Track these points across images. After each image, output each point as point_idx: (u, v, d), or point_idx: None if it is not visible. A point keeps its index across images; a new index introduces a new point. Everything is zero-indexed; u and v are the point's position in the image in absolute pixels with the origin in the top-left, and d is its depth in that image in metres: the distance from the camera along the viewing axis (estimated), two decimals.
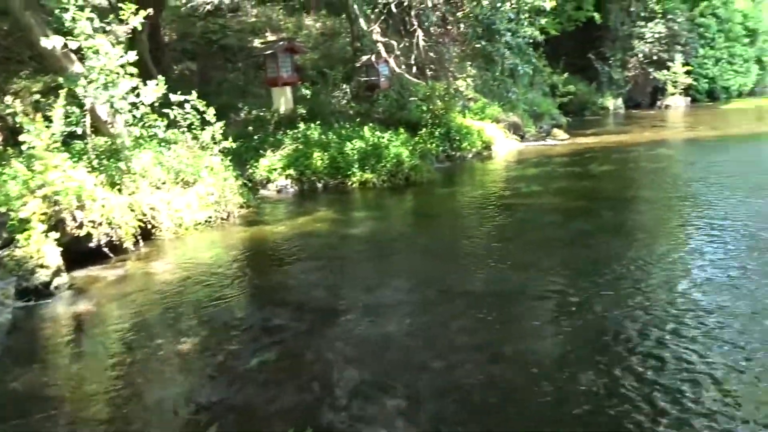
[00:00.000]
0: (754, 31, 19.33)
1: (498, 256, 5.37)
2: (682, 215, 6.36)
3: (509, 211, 7.11)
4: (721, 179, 8.01)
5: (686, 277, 4.44)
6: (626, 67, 18.33)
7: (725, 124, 14.22)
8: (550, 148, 11.73)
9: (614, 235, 5.79)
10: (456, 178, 9.92)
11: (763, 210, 6.27)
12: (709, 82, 18.45)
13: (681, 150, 11.32)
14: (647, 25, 18.08)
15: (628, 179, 8.97)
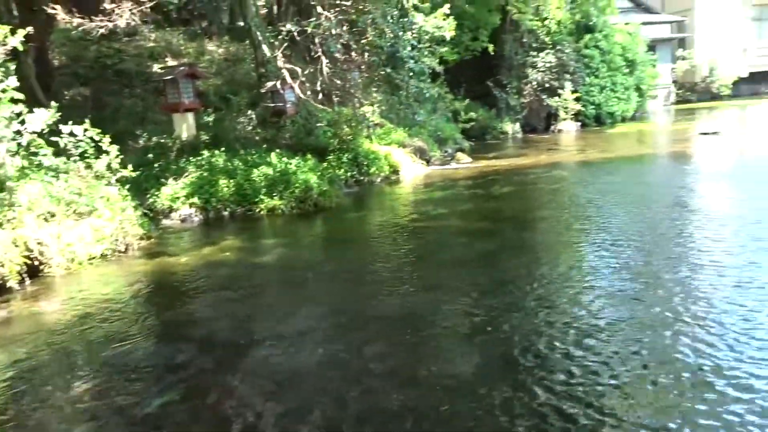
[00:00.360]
0: (632, 61, 21.01)
1: (409, 279, 5.41)
2: (580, 233, 6.70)
3: (418, 234, 7.21)
4: (613, 197, 8.55)
5: (588, 292, 4.65)
6: (522, 94, 19.33)
7: (612, 147, 15.27)
8: (455, 172, 12.08)
9: (519, 254, 6.00)
10: (365, 203, 9.97)
11: (653, 225, 6.74)
12: (595, 108, 19.78)
13: (575, 171, 12.01)
14: (539, 55, 19.19)
15: (529, 200, 9.37)
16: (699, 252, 5.42)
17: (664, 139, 16.71)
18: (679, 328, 3.77)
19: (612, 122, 19.92)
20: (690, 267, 4.99)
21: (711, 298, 4.25)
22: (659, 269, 5.02)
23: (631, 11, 26.29)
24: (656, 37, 26.52)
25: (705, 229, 6.24)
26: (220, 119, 10.94)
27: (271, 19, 13.40)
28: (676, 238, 6.00)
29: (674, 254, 5.42)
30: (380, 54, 10.90)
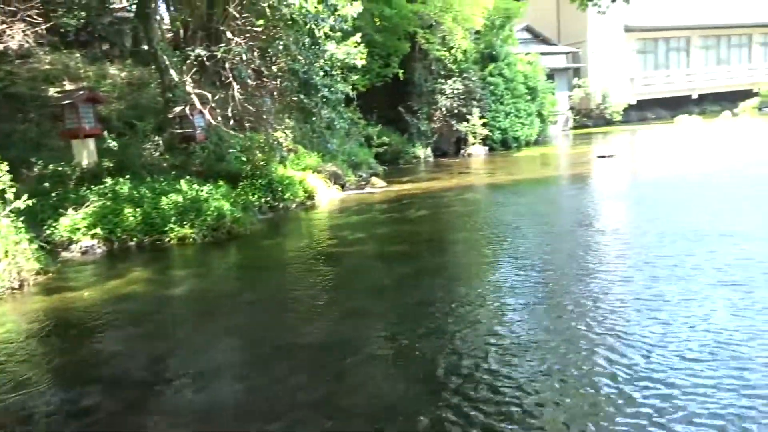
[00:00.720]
0: (533, 89, 22.17)
1: (331, 305, 5.33)
2: (495, 253, 6.89)
3: (336, 259, 7.15)
4: (523, 218, 8.88)
5: (506, 311, 4.76)
6: (432, 120, 19.86)
7: (519, 169, 15.96)
8: (370, 196, 12.15)
9: (437, 276, 6.07)
10: (281, 229, 9.79)
11: (563, 244, 7.04)
12: (502, 133, 20.63)
13: (486, 193, 12.41)
14: (447, 82, 19.85)
15: (444, 222, 9.56)
16: (608, 269, 5.70)
17: (566, 161, 17.66)
18: (596, 342, 3.92)
19: (517, 146, 20.83)
20: (601, 283, 5.23)
21: (624, 311, 4.46)
22: (572, 286, 5.24)
23: (530, 42, 27.82)
24: (554, 66, 28.17)
25: (611, 247, 6.59)
26: (124, 145, 10.43)
27: (177, 42, 13.04)
28: (585, 256, 6.29)
29: (585, 272, 5.68)
30: (293, 81, 10.85)
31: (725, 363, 3.49)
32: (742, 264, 5.33)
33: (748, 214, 7.48)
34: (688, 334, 3.94)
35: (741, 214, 7.50)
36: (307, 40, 10.82)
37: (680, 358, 3.59)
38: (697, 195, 9.33)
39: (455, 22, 17.84)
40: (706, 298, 4.57)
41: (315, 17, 10.60)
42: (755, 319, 4.09)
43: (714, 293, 4.67)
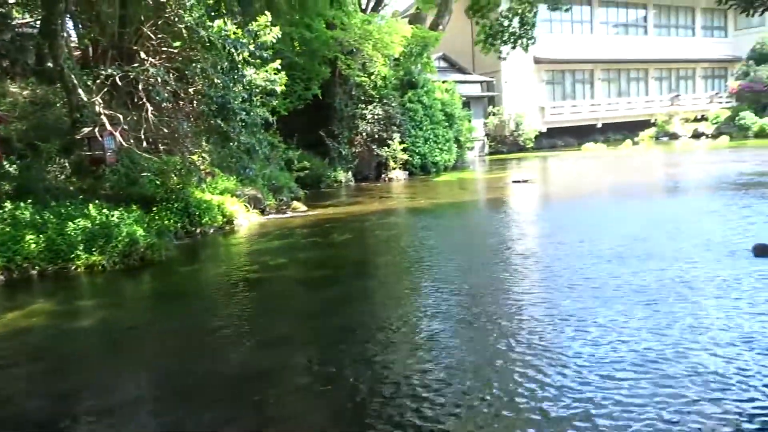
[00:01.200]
0: (451, 116, 22.81)
1: (251, 334, 5.15)
2: (418, 277, 6.93)
3: (257, 286, 6.95)
4: (445, 242, 9.02)
5: (429, 335, 4.76)
6: (353, 144, 19.96)
7: (438, 194, 16.27)
8: (291, 220, 11.98)
9: (361, 301, 6.03)
10: (198, 255, 9.44)
11: (484, 267, 7.18)
12: (421, 158, 21.02)
13: (408, 217, 12.54)
14: (367, 107, 20.07)
15: (366, 246, 9.55)
16: (532, 292, 5.84)
17: (484, 186, 18.20)
18: (523, 363, 3.98)
19: (436, 171, 21.28)
20: (526, 307, 5.34)
21: (551, 333, 4.57)
22: (496, 310, 5.32)
23: (447, 71, 28.70)
24: (470, 94, 29.17)
25: (533, 271, 6.76)
26: (26, 168, 9.76)
27: (87, 61, 12.45)
28: (508, 279, 6.43)
29: (508, 295, 5.79)
30: (210, 104, 10.59)
31: (652, 379, 3.62)
32: (661, 283, 5.59)
33: (657, 234, 7.93)
34: (616, 353, 4.07)
35: (651, 234, 7.95)
36: (226, 65, 10.64)
37: (607, 377, 3.70)
38: (609, 217, 9.82)
39: (375, 49, 18.12)
40: (631, 318, 4.73)
41: (234, 42, 10.45)
42: (679, 337, 4.28)
43: (638, 313, 4.86)
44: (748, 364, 3.70)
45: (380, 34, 17.91)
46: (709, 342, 4.09)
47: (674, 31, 39.34)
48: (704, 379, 3.53)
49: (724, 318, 4.55)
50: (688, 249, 6.88)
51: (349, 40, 17.67)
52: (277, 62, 13.59)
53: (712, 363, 3.74)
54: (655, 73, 38.06)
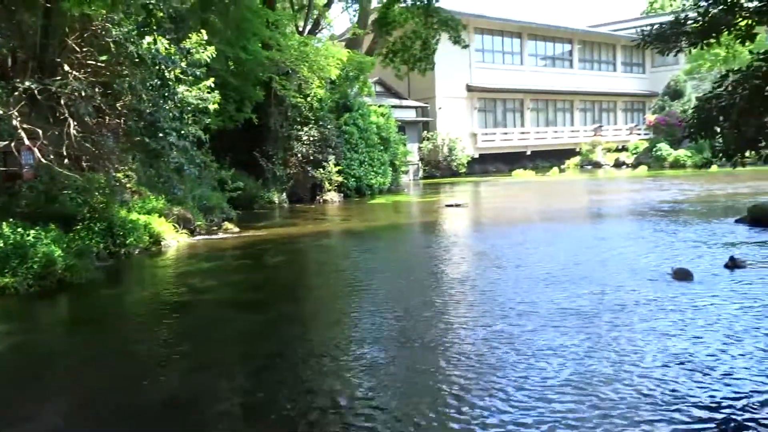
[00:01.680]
0: (386, 139, 23.05)
1: (178, 360, 4.91)
2: (351, 300, 6.85)
3: (185, 309, 6.67)
4: (378, 264, 9.00)
5: (362, 361, 4.68)
6: (288, 165, 19.77)
7: (373, 216, 16.31)
8: (223, 242, 11.66)
9: (293, 325, 5.89)
10: (123, 277, 9.01)
11: (417, 291, 7.19)
12: (356, 181, 21.06)
13: (342, 239, 12.47)
14: (303, 129, 19.97)
15: (299, 269, 9.39)
16: (467, 316, 5.85)
17: (418, 209, 18.39)
18: (459, 386, 3.97)
19: (371, 194, 21.36)
20: (460, 331, 5.32)
21: (481, 354, 4.58)
22: (430, 334, 5.30)
23: (383, 95, 29.06)
24: (405, 119, 29.61)
25: (468, 294, 6.79)
26: None
27: (4, 72, 11.79)
28: (443, 303, 6.42)
29: (443, 319, 5.78)
30: (138, 121, 10.23)
31: (586, 401, 3.67)
32: (593, 307, 5.71)
33: (587, 259, 8.20)
34: (551, 375, 4.12)
35: (580, 259, 8.20)
36: (156, 81, 10.34)
37: (541, 398, 3.74)
38: (541, 242, 10.05)
39: (311, 71, 18.13)
40: (571, 339, 4.79)
41: (165, 58, 10.18)
42: (619, 356, 4.38)
43: (579, 334, 4.93)
44: (678, 385, 3.82)
45: (317, 56, 17.95)
46: (640, 362, 4.21)
47: (597, 66, 41.55)
48: (637, 400, 3.62)
49: (653, 340, 4.70)
50: (616, 273, 7.13)
51: (285, 61, 17.60)
52: (210, 81, 13.34)
53: (645, 384, 3.85)
54: (580, 105, 39.96)
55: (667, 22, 5.00)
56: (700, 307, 5.50)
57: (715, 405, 3.52)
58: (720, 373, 3.96)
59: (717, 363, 4.15)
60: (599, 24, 47.75)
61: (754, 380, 3.84)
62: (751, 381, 3.83)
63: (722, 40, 4.87)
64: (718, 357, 4.26)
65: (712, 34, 4.77)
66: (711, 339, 4.64)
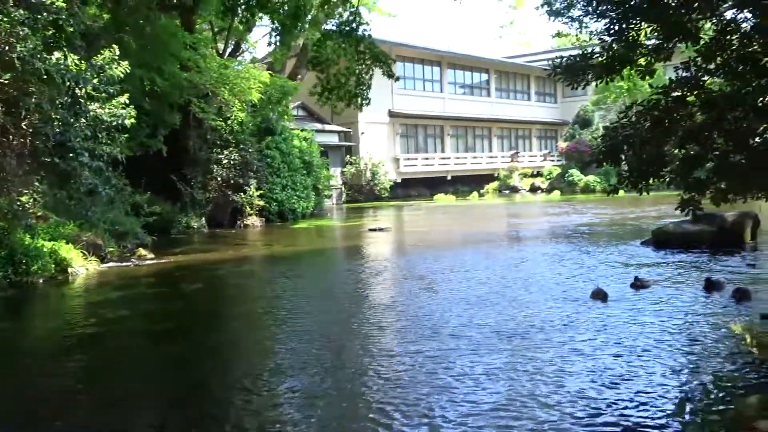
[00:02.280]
0: (309, 164, 22.96)
1: (85, 396, 4.60)
2: (273, 329, 6.69)
3: (94, 341, 6.29)
4: (301, 291, 8.86)
5: (285, 392, 4.57)
6: (207, 189, 19.24)
7: (296, 241, 16.12)
8: (136, 269, 11.14)
9: (213, 356, 5.67)
10: (25, 309, 8.41)
11: (340, 318, 7.12)
12: (278, 205, 20.79)
13: (264, 265, 12.22)
14: (223, 152, 19.54)
15: (219, 296, 9.10)
16: (393, 342, 5.79)
17: (341, 234, 18.36)
18: (383, 413, 3.93)
19: (294, 218, 21.14)
20: (386, 359, 5.22)
21: (406, 386, 4.57)
22: (356, 363, 5.24)
23: (306, 120, 29.04)
24: (328, 143, 29.67)
25: (395, 319, 6.71)
26: None
27: None
28: (369, 330, 6.35)
29: (370, 346, 5.71)
30: (46, 141, 9.67)
31: (524, 415, 3.73)
32: (519, 328, 5.84)
33: (510, 281, 8.41)
34: (479, 397, 4.16)
35: (503, 281, 8.41)
36: (66, 99, 9.84)
37: (466, 416, 3.76)
38: (464, 265, 10.23)
39: (232, 94, 17.84)
40: (504, 360, 4.86)
41: (76, 76, 9.72)
42: (552, 378, 4.48)
43: (512, 356, 5.01)
44: (600, 402, 3.96)
45: (238, 79, 17.70)
46: (564, 380, 4.34)
47: (513, 95, 43.44)
48: (562, 416, 3.71)
49: (574, 358, 4.86)
50: (539, 294, 7.33)
51: (204, 83, 17.23)
52: (125, 96, 12.83)
53: (569, 401, 3.96)
54: (498, 132, 41.54)
55: (575, 55, 5.29)
56: (611, 326, 5.76)
57: (625, 416, 3.67)
58: (633, 390, 4.14)
59: (626, 377, 4.33)
60: (514, 55, 50.08)
61: (658, 395, 4.04)
62: (658, 397, 4.03)
63: (625, 74, 5.20)
64: (627, 372, 4.45)
65: (615, 69, 5.09)
66: (623, 355, 4.85)
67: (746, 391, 3.88)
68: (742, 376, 4.32)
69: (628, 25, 4.98)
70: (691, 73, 4.89)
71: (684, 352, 4.94)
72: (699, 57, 4.80)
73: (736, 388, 4.05)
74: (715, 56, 4.79)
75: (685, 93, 4.93)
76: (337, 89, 23.11)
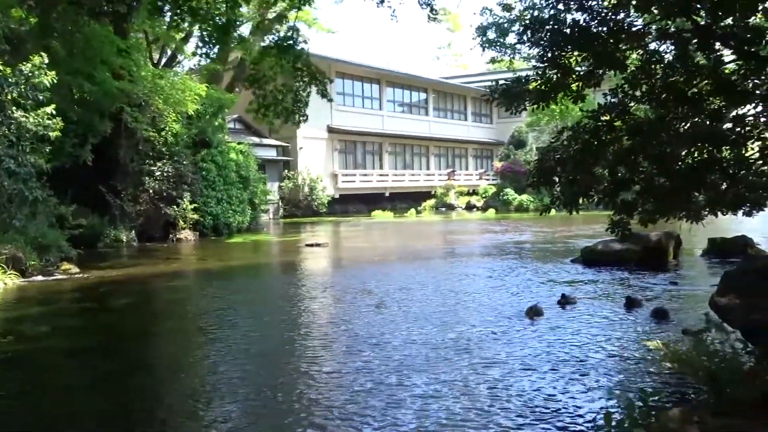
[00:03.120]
0: (246, 178, 22.58)
1: (4, 420, 4.30)
2: (206, 345, 6.49)
3: (11, 361, 5.91)
4: (237, 308, 8.63)
5: (210, 414, 4.43)
6: (138, 202, 18.57)
7: (231, 256, 15.76)
8: (59, 284, 10.58)
9: (143, 373, 5.44)
10: None
11: (276, 335, 6.99)
12: (213, 219, 20.31)
13: (197, 280, 11.87)
14: (156, 164, 18.94)
15: (150, 312, 8.77)
16: (332, 359, 5.72)
17: (278, 249, 18.09)
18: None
19: (229, 233, 20.69)
20: (323, 376, 5.20)
21: (352, 401, 4.52)
22: (291, 380, 5.15)
23: (243, 133, 28.62)
24: (266, 157, 29.31)
25: (333, 336, 6.64)
26: None
27: None
28: (305, 346, 6.28)
29: (296, 362, 5.65)
30: None
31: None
32: (457, 346, 5.89)
33: (446, 299, 8.49)
34: (409, 417, 4.15)
35: (439, 299, 8.48)
36: None
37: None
38: (402, 282, 10.26)
39: (166, 105, 17.37)
40: (448, 376, 4.88)
41: (0, 81, 9.24)
42: (477, 391, 4.52)
43: (446, 374, 5.04)
44: (528, 416, 4.04)
45: (172, 89, 17.27)
46: (491, 392, 4.40)
47: (450, 115, 44.37)
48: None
49: (508, 374, 4.94)
50: (476, 312, 7.39)
51: (138, 92, 16.71)
52: (51, 107, 12.27)
53: (500, 414, 4.01)
54: (435, 150, 42.25)
55: (511, 79, 5.46)
56: (538, 342, 5.90)
57: None
58: (560, 404, 4.25)
59: (552, 392, 4.45)
60: (452, 76, 51.21)
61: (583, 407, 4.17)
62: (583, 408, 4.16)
63: (558, 98, 5.39)
64: (553, 387, 4.57)
65: (550, 96, 5.28)
66: (549, 370, 4.98)
67: (668, 404, 4.06)
68: (664, 390, 4.52)
69: (561, 53, 5.18)
70: (619, 99, 5.13)
71: (608, 367, 5.12)
72: (626, 84, 5.04)
73: (659, 402, 4.23)
74: (641, 84, 5.05)
75: (613, 118, 5.17)
76: (273, 105, 22.96)
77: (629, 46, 5.20)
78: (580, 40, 5.05)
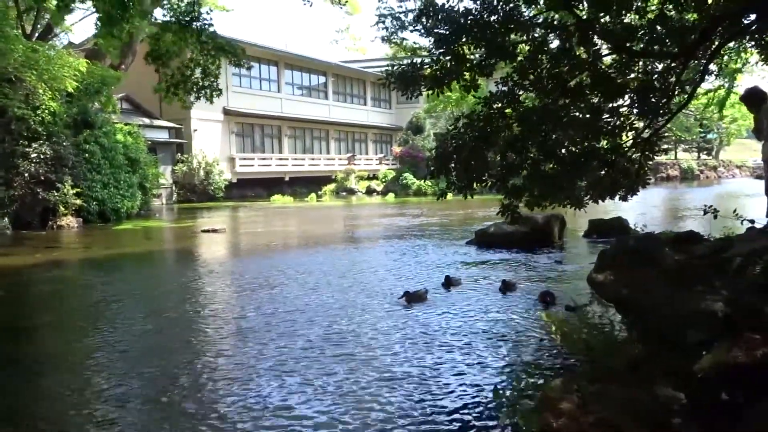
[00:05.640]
0: (135, 160, 21.39)
1: None
2: (86, 342, 6.06)
3: None
4: (124, 300, 8.13)
5: (100, 421, 4.18)
6: (12, 186, 17.05)
7: (119, 244, 14.89)
8: None
9: (9, 371, 5.01)
10: None
11: (168, 330, 6.69)
12: (99, 204, 19.09)
13: (79, 271, 11.10)
14: (32, 145, 17.46)
15: (23, 305, 8.09)
16: (227, 356, 5.56)
17: (171, 235, 17.32)
18: None
19: (117, 219, 19.56)
20: (218, 374, 5.05)
21: (250, 409, 4.40)
22: (182, 379, 4.96)
23: (131, 113, 27.05)
24: (157, 139, 27.91)
25: (229, 330, 6.42)
26: None
27: None
28: (199, 343, 6.03)
29: (199, 362, 5.43)
30: None
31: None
32: (341, 336, 5.90)
33: (339, 285, 8.45)
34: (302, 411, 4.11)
35: (332, 285, 8.45)
36: None
37: None
38: (298, 268, 10.09)
39: (41, 81, 16.03)
40: (341, 366, 4.85)
41: None
42: (370, 376, 4.53)
43: (333, 362, 5.02)
44: (416, 396, 4.12)
45: (48, 64, 15.96)
46: (385, 375, 4.45)
47: (350, 99, 44.35)
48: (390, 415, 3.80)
49: (396, 357, 5.02)
50: (363, 297, 7.41)
51: (7, 66, 15.28)
52: None
53: (392, 397, 4.07)
54: (335, 134, 42.12)
55: (407, 65, 5.50)
56: (425, 325, 5.98)
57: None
58: (448, 382, 4.39)
59: (441, 371, 4.59)
60: (351, 60, 51.09)
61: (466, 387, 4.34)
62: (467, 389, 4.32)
63: (453, 86, 5.50)
64: (440, 366, 4.72)
65: (444, 82, 5.37)
66: (437, 352, 5.12)
67: (552, 375, 4.31)
68: (548, 363, 4.78)
69: (455, 42, 5.28)
70: (509, 87, 5.32)
71: (495, 346, 5.32)
72: (515, 73, 5.23)
73: (543, 374, 4.47)
74: (529, 74, 5.26)
75: (504, 106, 5.36)
76: (183, 83, 21.76)
77: (519, 36, 5.39)
78: (473, 29, 5.16)
